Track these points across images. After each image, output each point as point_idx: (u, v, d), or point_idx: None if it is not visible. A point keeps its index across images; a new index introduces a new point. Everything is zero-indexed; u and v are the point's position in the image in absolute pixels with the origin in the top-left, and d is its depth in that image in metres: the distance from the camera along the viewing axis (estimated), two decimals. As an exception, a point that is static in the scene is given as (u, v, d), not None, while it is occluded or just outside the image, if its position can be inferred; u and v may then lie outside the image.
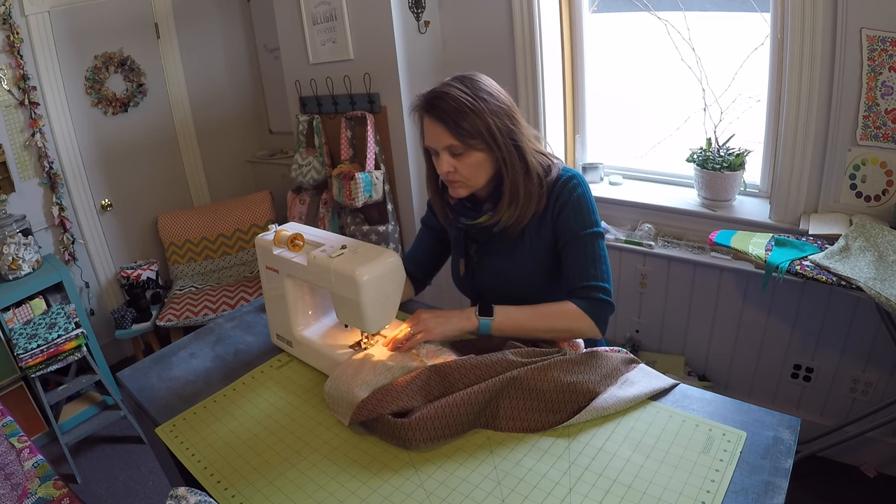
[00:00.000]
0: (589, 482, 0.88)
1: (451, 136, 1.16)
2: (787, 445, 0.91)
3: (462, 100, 1.14)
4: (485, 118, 1.15)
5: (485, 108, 1.15)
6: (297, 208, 2.94)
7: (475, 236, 1.33)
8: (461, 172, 1.20)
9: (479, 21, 2.46)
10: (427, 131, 1.20)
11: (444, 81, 1.20)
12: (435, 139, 1.18)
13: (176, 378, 1.26)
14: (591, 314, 1.17)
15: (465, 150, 1.17)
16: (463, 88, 1.16)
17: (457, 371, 1.05)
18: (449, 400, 1.00)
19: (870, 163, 1.78)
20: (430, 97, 1.18)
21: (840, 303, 1.92)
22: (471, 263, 1.37)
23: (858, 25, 1.67)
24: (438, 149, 1.19)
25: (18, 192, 2.70)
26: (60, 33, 2.78)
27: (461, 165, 1.19)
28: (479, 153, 1.18)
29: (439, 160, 1.20)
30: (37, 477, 1.27)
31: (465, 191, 1.24)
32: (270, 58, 3.46)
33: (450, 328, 1.17)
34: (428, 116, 1.18)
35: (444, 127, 1.16)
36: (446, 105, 1.15)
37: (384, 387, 1.05)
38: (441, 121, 1.16)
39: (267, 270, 1.28)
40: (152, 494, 2.26)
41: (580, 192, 1.23)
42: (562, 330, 1.17)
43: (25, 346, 2.24)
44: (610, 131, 2.56)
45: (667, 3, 2.13)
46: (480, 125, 1.15)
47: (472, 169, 1.20)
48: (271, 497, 0.92)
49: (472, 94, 1.16)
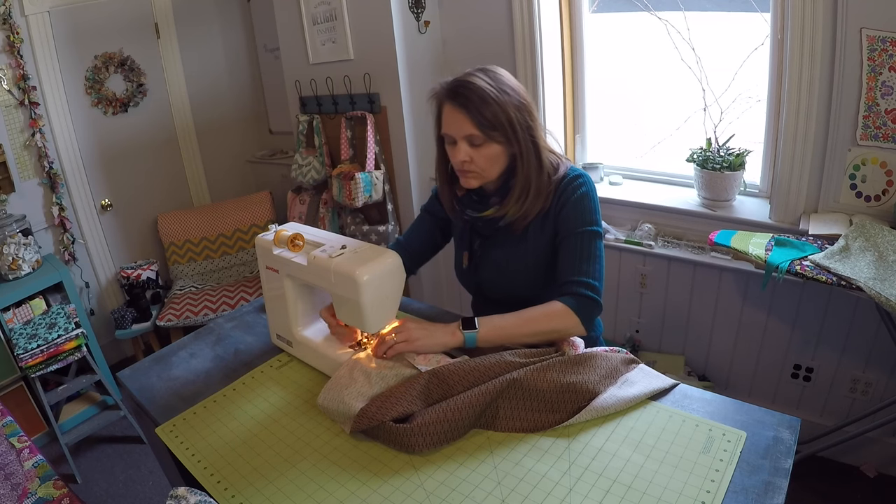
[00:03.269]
0: (589, 482, 0.88)
1: (473, 125, 1.16)
2: (787, 445, 0.91)
3: (487, 91, 1.15)
4: (507, 111, 1.16)
5: (508, 101, 1.16)
6: (297, 208, 2.94)
7: (480, 229, 1.34)
8: (477, 163, 1.20)
9: (479, 21, 2.46)
10: (448, 118, 1.20)
11: (467, 72, 1.20)
12: (455, 127, 1.18)
13: (176, 378, 1.26)
14: (578, 311, 1.16)
15: (484, 141, 1.18)
16: (487, 80, 1.17)
17: (456, 374, 1.05)
18: (450, 403, 1.00)
19: (870, 163, 1.78)
20: (454, 85, 1.18)
21: (840, 303, 1.92)
22: (474, 257, 1.37)
23: (858, 25, 1.67)
24: (457, 137, 1.19)
25: (18, 192, 2.70)
26: (60, 33, 2.78)
27: (478, 156, 1.19)
28: (496, 145, 1.19)
29: (456, 149, 1.20)
30: (37, 477, 1.27)
31: (477, 182, 1.24)
32: (270, 58, 3.46)
33: (433, 343, 1.14)
34: (450, 104, 1.18)
35: (467, 116, 1.16)
36: (471, 94, 1.15)
37: (383, 393, 1.04)
38: (464, 109, 1.16)
39: (267, 270, 1.28)
40: (152, 494, 2.26)
41: (584, 191, 1.24)
42: (548, 332, 1.16)
43: (25, 346, 2.24)
44: (610, 131, 2.56)
45: (667, 3, 2.13)
46: (503, 117, 1.16)
47: (487, 160, 1.20)
48: (271, 497, 0.92)
49: (496, 87, 1.16)
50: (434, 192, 1.45)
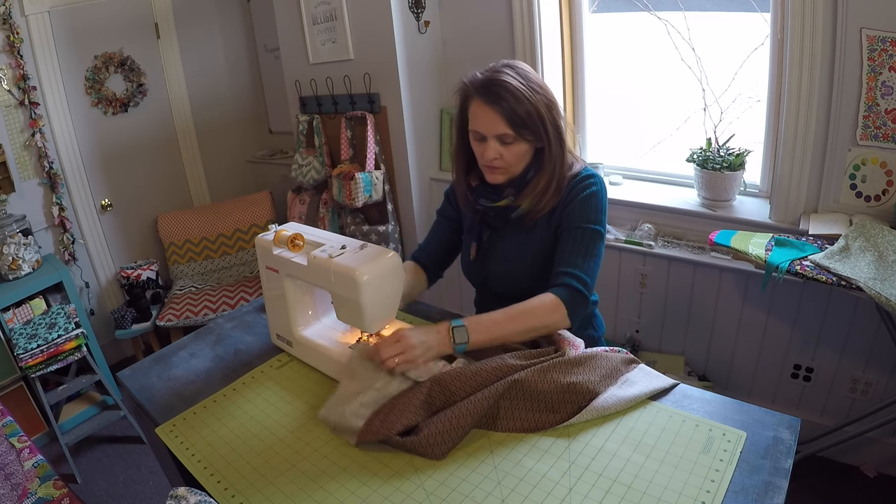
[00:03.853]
0: (589, 482, 0.88)
1: (507, 125, 1.17)
2: (787, 445, 0.91)
3: (520, 90, 1.15)
4: (539, 110, 1.17)
5: (539, 100, 1.17)
6: (297, 208, 2.94)
7: (491, 220, 1.34)
8: (506, 160, 1.21)
9: (479, 21, 2.46)
10: (479, 115, 1.20)
11: (494, 68, 1.21)
12: (487, 125, 1.18)
13: (176, 378, 1.26)
14: (567, 303, 1.15)
15: (515, 139, 1.18)
16: (518, 78, 1.17)
17: (457, 380, 1.04)
18: (454, 410, 0.99)
19: (870, 163, 1.78)
20: (487, 83, 1.18)
21: (840, 303, 1.92)
22: (482, 248, 1.36)
23: (858, 25, 1.67)
24: (489, 135, 1.19)
25: (18, 192, 2.70)
26: (60, 33, 2.78)
27: (507, 153, 1.20)
28: (525, 143, 1.20)
29: (486, 146, 1.20)
30: (37, 477, 1.27)
31: (504, 178, 1.25)
32: (270, 58, 3.46)
33: (431, 356, 1.08)
34: (482, 100, 1.18)
35: (501, 115, 1.16)
36: (505, 93, 1.15)
37: (385, 406, 1.02)
38: (498, 108, 1.16)
39: (267, 270, 1.28)
40: (152, 494, 2.26)
41: (594, 191, 1.25)
42: (539, 327, 1.14)
43: (25, 346, 2.24)
44: (610, 131, 2.56)
45: (667, 3, 2.13)
46: (535, 117, 1.17)
47: (516, 157, 1.21)
48: (271, 497, 0.92)
49: (527, 85, 1.17)
50: (447, 194, 1.44)
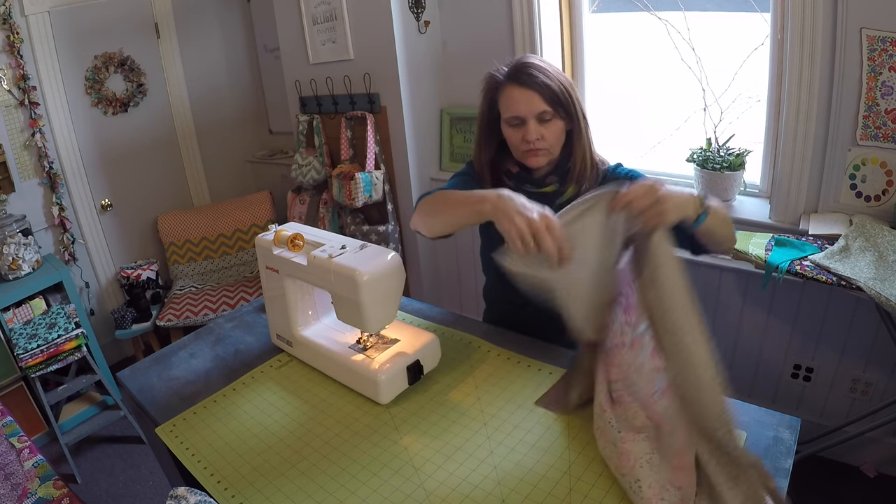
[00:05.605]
0: (589, 482, 0.88)
1: (544, 101, 1.20)
2: (787, 445, 0.91)
3: (548, 69, 1.21)
4: (566, 88, 1.22)
5: (565, 80, 1.23)
6: (297, 208, 2.94)
7: None
8: (547, 139, 1.23)
9: (479, 21, 2.45)
10: (514, 99, 1.22)
11: (516, 59, 1.25)
12: (525, 106, 1.21)
13: (176, 378, 1.26)
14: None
15: (553, 116, 1.22)
16: (542, 61, 1.24)
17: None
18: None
19: (870, 163, 1.78)
20: (517, 68, 1.22)
21: (840, 303, 1.92)
22: None
23: (858, 25, 1.67)
24: (528, 116, 1.21)
25: (18, 192, 2.70)
26: (60, 33, 2.78)
27: (547, 132, 1.23)
28: (561, 122, 1.24)
29: (526, 129, 1.22)
30: (37, 477, 1.27)
31: (546, 159, 1.27)
32: (270, 58, 3.46)
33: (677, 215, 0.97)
34: (515, 85, 1.22)
35: (537, 92, 1.20)
36: (536, 73, 1.20)
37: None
38: (533, 87, 1.20)
39: (267, 270, 1.28)
40: (152, 494, 2.26)
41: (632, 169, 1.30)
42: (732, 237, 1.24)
43: (25, 346, 2.24)
44: (610, 131, 2.56)
45: (667, 3, 2.13)
46: (566, 94, 1.21)
47: (555, 136, 1.24)
48: (271, 497, 0.92)
49: (552, 67, 1.23)
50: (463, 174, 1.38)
